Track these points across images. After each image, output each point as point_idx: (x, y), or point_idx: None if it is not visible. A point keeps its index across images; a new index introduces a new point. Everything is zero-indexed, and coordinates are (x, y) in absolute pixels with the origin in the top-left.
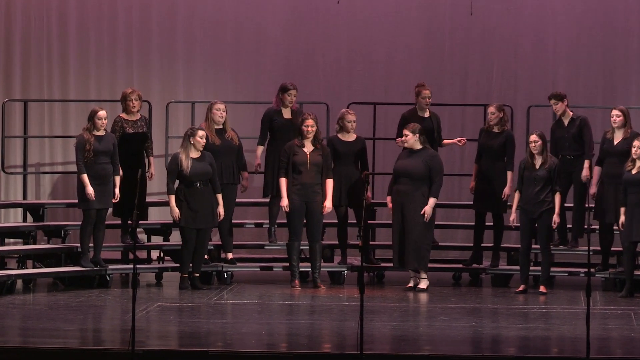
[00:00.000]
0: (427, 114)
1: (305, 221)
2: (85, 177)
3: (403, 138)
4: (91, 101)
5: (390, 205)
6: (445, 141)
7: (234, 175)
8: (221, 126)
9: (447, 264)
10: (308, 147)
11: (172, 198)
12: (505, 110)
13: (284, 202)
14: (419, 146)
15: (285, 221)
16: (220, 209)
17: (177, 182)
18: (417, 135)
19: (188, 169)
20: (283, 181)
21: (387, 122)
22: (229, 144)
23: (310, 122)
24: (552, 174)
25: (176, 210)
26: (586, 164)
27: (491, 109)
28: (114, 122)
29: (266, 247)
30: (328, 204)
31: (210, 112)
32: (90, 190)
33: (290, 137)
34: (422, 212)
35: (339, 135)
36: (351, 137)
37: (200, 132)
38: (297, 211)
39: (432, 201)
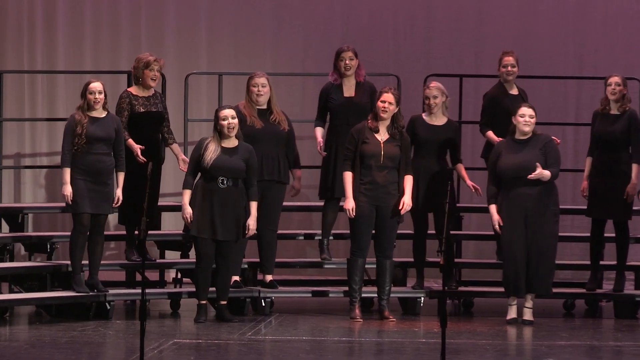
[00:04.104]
0: (515, 91)
1: (373, 231)
2: (67, 171)
3: (524, 120)
4: (86, 72)
5: (495, 216)
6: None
7: (280, 171)
8: (264, 106)
9: (556, 288)
10: (382, 134)
11: (187, 194)
12: (628, 86)
13: (349, 204)
14: (531, 132)
15: (343, 232)
16: (251, 221)
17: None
18: None
19: (210, 160)
20: (348, 176)
21: (477, 101)
22: (274, 129)
23: (389, 96)
24: None
25: (188, 209)
26: None
27: (615, 79)
28: (120, 99)
29: (323, 266)
30: (407, 199)
31: (247, 87)
32: (67, 190)
33: (349, 121)
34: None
35: (425, 116)
36: (440, 120)
37: (225, 112)
38: (365, 218)
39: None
